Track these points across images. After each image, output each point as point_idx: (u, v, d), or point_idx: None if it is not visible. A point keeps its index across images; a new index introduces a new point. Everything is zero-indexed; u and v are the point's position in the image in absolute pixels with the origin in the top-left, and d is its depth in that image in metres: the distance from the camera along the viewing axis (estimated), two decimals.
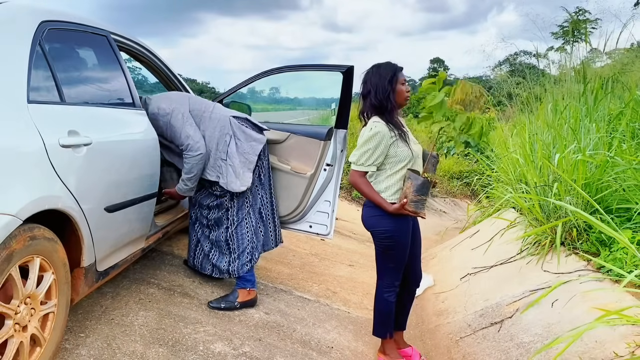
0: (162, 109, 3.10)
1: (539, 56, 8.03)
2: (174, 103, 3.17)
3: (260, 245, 3.43)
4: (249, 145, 3.25)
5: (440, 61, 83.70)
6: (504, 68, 23.81)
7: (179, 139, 3.10)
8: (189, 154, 3.10)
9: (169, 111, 3.10)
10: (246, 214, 3.32)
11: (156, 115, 3.08)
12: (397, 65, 2.70)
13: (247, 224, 3.33)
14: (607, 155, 3.43)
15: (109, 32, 2.83)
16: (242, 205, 3.30)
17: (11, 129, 1.85)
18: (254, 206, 3.38)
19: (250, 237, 3.34)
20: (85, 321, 2.69)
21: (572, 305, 2.83)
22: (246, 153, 3.23)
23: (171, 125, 3.09)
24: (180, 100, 3.24)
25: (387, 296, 2.80)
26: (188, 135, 3.09)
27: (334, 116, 3.80)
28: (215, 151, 3.20)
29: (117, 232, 2.60)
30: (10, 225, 1.72)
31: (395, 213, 2.59)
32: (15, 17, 2.10)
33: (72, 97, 2.33)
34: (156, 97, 3.24)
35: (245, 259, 3.30)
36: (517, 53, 25.74)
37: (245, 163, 3.22)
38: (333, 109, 3.91)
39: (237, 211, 3.30)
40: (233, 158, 3.19)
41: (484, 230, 5.04)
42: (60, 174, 2.03)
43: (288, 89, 21.15)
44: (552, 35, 13.27)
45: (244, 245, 3.31)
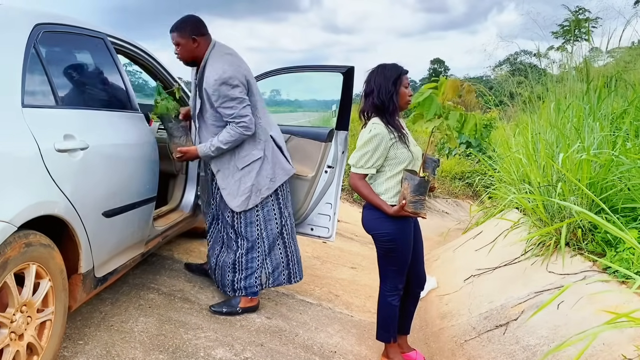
0: (233, 78, 2.88)
1: (540, 55, 7.98)
2: (237, 70, 2.95)
3: (275, 280, 3.32)
4: (280, 172, 3.19)
5: (441, 62, 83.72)
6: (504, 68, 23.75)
7: (236, 110, 2.89)
8: (240, 129, 2.91)
9: (240, 82, 2.91)
10: (256, 235, 3.20)
11: (219, 82, 2.85)
12: (403, 68, 2.66)
13: (258, 246, 3.22)
14: (612, 155, 3.39)
15: (105, 34, 2.79)
16: (249, 223, 3.20)
17: (5, 134, 1.82)
18: (267, 229, 3.23)
19: (260, 262, 3.24)
20: (84, 328, 2.65)
21: (578, 307, 2.79)
22: (271, 178, 3.15)
23: (233, 97, 2.88)
24: (244, 69, 3.04)
25: (391, 300, 2.76)
26: (247, 114, 2.92)
27: (334, 117, 3.77)
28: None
29: (116, 237, 2.56)
30: (4, 232, 1.69)
31: (395, 215, 2.55)
32: (9, 20, 2.07)
33: (68, 100, 2.30)
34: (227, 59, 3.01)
35: (252, 282, 3.23)
36: (518, 53, 25.64)
37: (264, 188, 3.12)
38: (334, 111, 3.88)
39: (244, 232, 3.20)
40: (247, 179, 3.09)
41: (487, 231, 4.99)
42: (56, 179, 1.99)
43: (289, 91, 21.14)
44: (553, 34, 13.23)
45: (253, 268, 3.22)
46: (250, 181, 3.05)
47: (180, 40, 2.96)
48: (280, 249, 3.29)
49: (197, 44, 2.96)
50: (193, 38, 2.95)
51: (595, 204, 3.36)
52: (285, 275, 3.32)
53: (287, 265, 3.32)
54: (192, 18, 3.01)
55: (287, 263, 3.31)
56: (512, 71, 12.75)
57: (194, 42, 2.95)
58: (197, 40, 2.95)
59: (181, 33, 2.95)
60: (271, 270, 3.25)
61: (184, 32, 2.94)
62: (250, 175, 3.05)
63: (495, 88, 10.34)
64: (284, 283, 3.34)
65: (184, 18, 3.00)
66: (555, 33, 12.58)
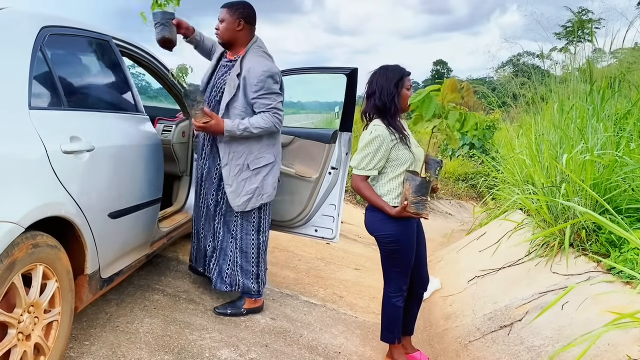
0: (278, 75, 2.98)
1: (543, 56, 7.95)
2: (279, 71, 3.04)
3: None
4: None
5: (443, 63, 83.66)
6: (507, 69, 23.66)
7: (276, 102, 2.93)
8: (274, 119, 2.91)
9: (282, 81, 3.03)
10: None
11: (267, 75, 2.89)
12: (405, 70, 2.67)
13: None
14: (615, 155, 3.39)
15: (111, 37, 2.81)
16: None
17: (12, 136, 1.83)
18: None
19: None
20: (89, 329, 2.66)
21: (583, 307, 2.78)
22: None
23: (276, 91, 2.94)
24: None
25: (395, 301, 2.77)
26: (282, 110, 2.97)
27: (337, 119, 3.77)
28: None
29: (121, 238, 2.58)
30: (12, 233, 1.70)
31: (397, 216, 2.55)
32: (16, 23, 2.08)
33: (74, 102, 2.31)
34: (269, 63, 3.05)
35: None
36: (521, 54, 25.55)
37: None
38: (337, 112, 3.89)
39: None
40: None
41: (491, 232, 4.99)
42: (63, 181, 2.01)
43: (291, 93, 21.08)
44: (555, 35, 13.20)
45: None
46: (257, 183, 3.01)
47: (227, 18, 3.00)
48: (253, 260, 3.19)
49: (241, 29, 3.00)
50: (240, 21, 2.99)
51: (599, 205, 3.36)
52: (255, 286, 3.23)
53: (257, 276, 3.22)
54: (248, 4, 3.06)
55: (257, 274, 3.21)
56: (515, 72, 12.74)
57: (239, 25, 2.99)
58: (242, 25, 3.00)
59: (231, 11, 3.00)
60: (240, 273, 3.19)
61: (234, 11, 2.99)
62: (257, 177, 3.02)
63: (498, 89, 10.35)
64: (251, 292, 3.22)
65: (240, 1, 3.05)
66: (558, 34, 12.54)
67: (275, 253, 4.75)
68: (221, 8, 3.05)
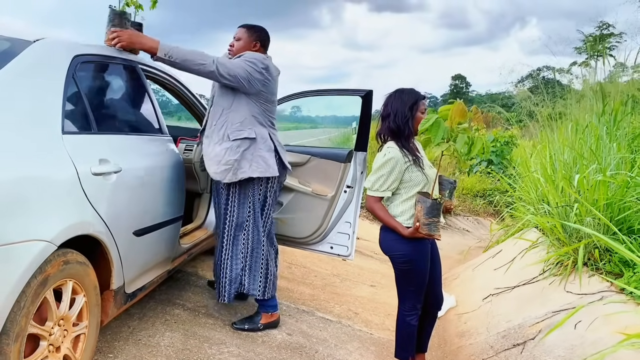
0: (262, 63, 3.03)
1: (562, 71, 7.96)
2: (275, 76, 3.15)
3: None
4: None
5: (462, 78, 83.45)
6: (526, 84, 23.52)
7: (235, 66, 2.93)
8: (212, 61, 2.87)
9: (264, 67, 3.04)
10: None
11: (252, 56, 3.01)
12: (420, 93, 2.76)
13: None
14: (628, 176, 3.42)
15: (137, 62, 2.95)
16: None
17: (47, 160, 1.97)
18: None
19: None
20: (113, 342, 2.77)
21: (595, 327, 2.81)
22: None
23: (250, 65, 2.97)
24: (277, 84, 3.23)
25: (409, 320, 2.82)
26: (240, 73, 2.93)
27: (354, 134, 3.86)
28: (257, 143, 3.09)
29: (145, 255, 2.70)
30: (46, 251, 1.82)
31: (410, 237, 2.62)
32: (51, 52, 2.23)
33: (103, 126, 2.45)
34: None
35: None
36: (540, 69, 25.42)
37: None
38: (354, 128, 3.97)
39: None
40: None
41: (507, 250, 5.01)
42: (92, 201, 2.13)
43: (309, 107, 21.40)
44: (576, 50, 13.18)
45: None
46: (236, 156, 3.01)
47: (244, 37, 3.18)
48: (260, 256, 3.23)
49: (256, 50, 3.17)
50: (256, 43, 3.17)
51: (615, 224, 3.39)
52: (261, 287, 3.25)
53: (265, 277, 3.26)
54: (265, 30, 3.26)
55: (265, 275, 3.25)
56: (534, 87, 12.71)
57: (254, 45, 3.17)
58: (257, 45, 3.18)
59: (250, 32, 3.18)
60: (248, 274, 3.22)
61: (252, 33, 3.18)
62: (237, 150, 3.02)
63: (516, 104, 10.36)
64: (257, 295, 3.26)
65: (258, 25, 3.24)
66: (578, 49, 12.53)
67: (291, 269, 4.84)
68: (239, 27, 3.21)
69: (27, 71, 2.06)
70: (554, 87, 6.53)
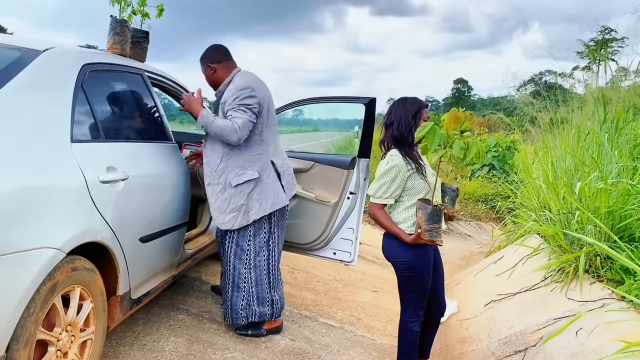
0: (251, 89, 3.03)
1: (564, 76, 7.97)
2: (260, 89, 3.11)
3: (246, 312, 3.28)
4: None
5: (464, 81, 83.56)
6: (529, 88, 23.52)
7: (240, 116, 2.96)
8: (232, 127, 2.93)
9: (258, 97, 3.05)
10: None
11: (238, 88, 3.02)
12: (423, 102, 2.79)
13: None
14: (629, 184, 3.44)
15: (143, 69, 2.99)
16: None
17: (57, 168, 2.00)
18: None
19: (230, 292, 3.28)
20: (118, 347, 2.80)
21: (596, 334, 2.83)
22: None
23: (248, 105, 2.99)
24: (267, 93, 3.19)
25: (412, 326, 2.84)
26: (243, 123, 2.95)
27: (357, 138, 3.89)
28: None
29: (151, 261, 2.73)
30: (55, 258, 1.86)
31: (413, 243, 2.65)
32: (61, 62, 2.27)
33: (110, 134, 2.49)
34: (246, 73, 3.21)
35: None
36: (542, 73, 25.39)
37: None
38: (356, 132, 3.99)
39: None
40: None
41: (508, 257, 5.03)
42: (100, 209, 2.17)
43: (311, 111, 21.42)
44: (578, 54, 13.19)
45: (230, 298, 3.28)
46: (242, 200, 3.06)
47: (202, 70, 3.22)
48: (265, 282, 3.25)
49: (214, 71, 3.17)
50: (209, 66, 3.17)
51: (616, 232, 3.41)
52: (269, 311, 3.29)
53: (271, 301, 3.29)
54: (210, 47, 3.23)
55: (271, 299, 3.28)
56: (536, 91, 12.74)
57: (210, 69, 3.18)
58: (212, 67, 3.17)
59: (202, 63, 3.21)
60: (257, 302, 3.23)
61: (203, 62, 3.21)
62: (242, 194, 3.05)
63: (518, 108, 10.39)
64: (266, 317, 3.29)
65: (206, 50, 3.22)
66: (581, 53, 12.55)
67: (294, 274, 4.86)
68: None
69: (37, 81, 2.10)
70: (555, 92, 6.56)
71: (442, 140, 2.49)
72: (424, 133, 2.49)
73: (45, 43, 2.30)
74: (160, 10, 3.15)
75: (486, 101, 66.19)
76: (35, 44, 2.28)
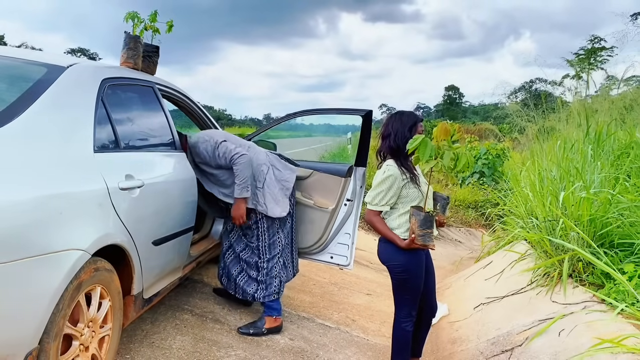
0: (202, 137, 3.43)
1: (555, 84, 8.18)
2: (214, 133, 3.52)
3: (287, 276, 3.73)
4: (287, 173, 3.62)
5: (455, 88, 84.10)
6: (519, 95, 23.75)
7: (223, 154, 3.33)
8: (236, 161, 3.31)
9: (208, 138, 3.42)
10: (278, 242, 3.59)
11: (196, 143, 3.40)
12: (419, 116, 3.00)
13: (278, 253, 3.60)
14: (610, 193, 3.66)
15: (154, 82, 3.17)
16: (274, 233, 3.58)
17: (82, 177, 2.17)
18: (285, 235, 3.67)
19: (279, 269, 3.60)
20: (129, 344, 2.97)
21: (577, 334, 3.03)
22: (284, 180, 3.59)
23: (214, 146, 3.35)
24: (220, 133, 3.62)
25: (405, 326, 3.02)
26: (230, 149, 3.33)
27: (349, 145, 4.07)
28: (252, 181, 3.46)
29: (162, 262, 2.90)
30: (82, 259, 2.03)
31: (407, 248, 2.84)
32: (83, 78, 2.45)
33: (127, 144, 2.66)
34: (198, 133, 3.57)
35: (272, 290, 3.55)
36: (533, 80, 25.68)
37: (284, 190, 3.57)
38: (349, 139, 4.17)
39: (269, 240, 3.57)
40: (272, 186, 3.52)
41: (497, 262, 5.24)
42: (120, 214, 2.34)
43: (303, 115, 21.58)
44: (568, 62, 13.48)
45: (273, 275, 3.57)
46: (277, 187, 3.54)
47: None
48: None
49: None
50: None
51: (597, 239, 3.62)
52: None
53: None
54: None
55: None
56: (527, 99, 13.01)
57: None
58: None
59: None
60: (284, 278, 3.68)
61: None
62: (271, 185, 3.52)
63: (509, 116, 10.64)
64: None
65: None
66: (570, 61, 12.85)
67: None
68: None
69: (64, 95, 2.27)
70: (545, 101, 6.78)
71: (433, 152, 2.69)
72: (416, 145, 2.68)
73: (67, 59, 2.48)
74: (170, 26, 3.33)
75: (477, 108, 66.71)
76: (59, 60, 2.45)
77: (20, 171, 1.87)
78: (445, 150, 2.72)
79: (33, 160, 1.95)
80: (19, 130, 1.98)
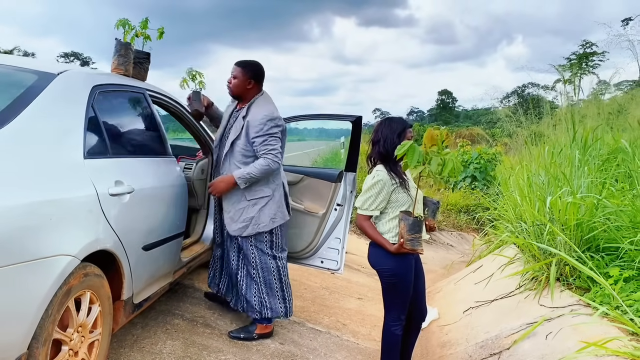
0: (279, 119, 3.39)
1: (547, 89, 8.26)
2: (281, 117, 3.46)
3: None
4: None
5: (449, 93, 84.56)
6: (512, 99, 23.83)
7: (265, 141, 3.28)
8: (268, 158, 3.27)
9: (279, 122, 3.38)
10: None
11: (267, 118, 3.30)
12: (407, 123, 3.05)
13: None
14: (596, 198, 3.71)
15: (145, 89, 3.19)
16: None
17: (72, 182, 2.19)
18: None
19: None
20: (119, 349, 2.98)
21: (563, 337, 3.07)
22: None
23: (268, 129, 3.29)
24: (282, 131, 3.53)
25: (394, 329, 3.06)
26: (276, 147, 3.32)
27: (342, 149, 4.11)
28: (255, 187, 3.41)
29: (152, 267, 2.91)
30: (71, 265, 2.04)
31: (396, 252, 2.87)
32: (73, 85, 2.47)
33: (117, 150, 2.68)
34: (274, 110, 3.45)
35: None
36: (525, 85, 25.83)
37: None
38: (342, 143, 4.21)
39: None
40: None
41: (487, 266, 5.28)
42: (109, 219, 2.36)
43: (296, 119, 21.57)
44: (560, 67, 13.60)
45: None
46: (253, 213, 3.38)
47: (239, 76, 3.44)
48: (276, 283, 3.54)
49: (251, 87, 3.44)
50: (250, 80, 3.43)
51: (584, 243, 3.67)
52: (282, 309, 3.58)
53: (283, 299, 3.57)
54: (259, 65, 3.53)
55: (283, 297, 3.57)
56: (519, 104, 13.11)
57: (249, 83, 3.43)
58: (252, 83, 3.44)
59: (244, 71, 3.44)
60: (268, 300, 3.52)
61: (246, 71, 3.44)
62: (254, 208, 3.39)
63: (501, 120, 10.70)
64: (280, 315, 3.58)
65: (253, 61, 3.52)
66: (563, 66, 12.95)
67: None
68: (235, 65, 3.48)
69: (54, 102, 2.29)
70: (534, 106, 6.85)
71: (421, 157, 2.73)
72: (404, 151, 2.72)
73: (58, 66, 2.50)
74: (161, 33, 3.36)
75: (470, 112, 67.08)
76: (50, 67, 2.47)
77: (9, 177, 1.88)
78: (432, 156, 2.76)
79: (23, 166, 1.97)
80: (9, 136, 2.00)
